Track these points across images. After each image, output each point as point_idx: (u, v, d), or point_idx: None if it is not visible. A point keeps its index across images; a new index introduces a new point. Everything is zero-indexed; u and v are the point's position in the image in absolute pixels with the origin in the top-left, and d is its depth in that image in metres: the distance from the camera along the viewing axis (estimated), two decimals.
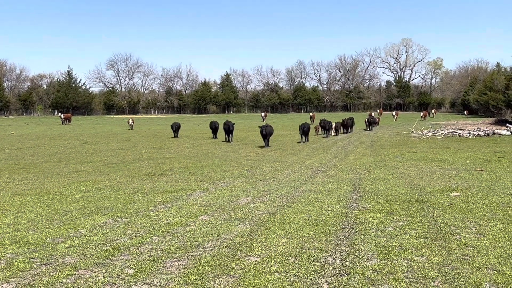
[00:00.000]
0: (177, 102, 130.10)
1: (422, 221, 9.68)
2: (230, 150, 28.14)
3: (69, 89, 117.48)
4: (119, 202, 12.44)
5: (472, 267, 6.93)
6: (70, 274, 6.93)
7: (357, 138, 37.63)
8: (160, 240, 8.64)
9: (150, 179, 16.76)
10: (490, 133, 36.83)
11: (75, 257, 7.71)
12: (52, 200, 12.80)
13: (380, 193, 13.06)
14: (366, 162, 21.10)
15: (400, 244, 8.11)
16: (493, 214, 10.23)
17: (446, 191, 13.11)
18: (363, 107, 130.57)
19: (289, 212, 10.83)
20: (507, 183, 14.55)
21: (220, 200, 12.53)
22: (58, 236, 9.05)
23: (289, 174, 17.83)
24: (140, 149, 29.46)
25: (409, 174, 17.07)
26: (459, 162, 20.32)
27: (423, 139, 34.82)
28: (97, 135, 44.15)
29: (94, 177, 17.44)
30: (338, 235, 8.75)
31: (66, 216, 10.78)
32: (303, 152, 26.85)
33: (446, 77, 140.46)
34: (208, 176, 17.22)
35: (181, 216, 10.58)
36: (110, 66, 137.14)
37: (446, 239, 8.37)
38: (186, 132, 45.45)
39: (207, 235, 8.94)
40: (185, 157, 24.42)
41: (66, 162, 22.90)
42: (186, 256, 7.69)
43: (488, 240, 8.26)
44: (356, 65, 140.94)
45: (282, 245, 8.17)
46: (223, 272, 6.90)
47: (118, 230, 9.39)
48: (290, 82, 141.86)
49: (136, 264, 7.32)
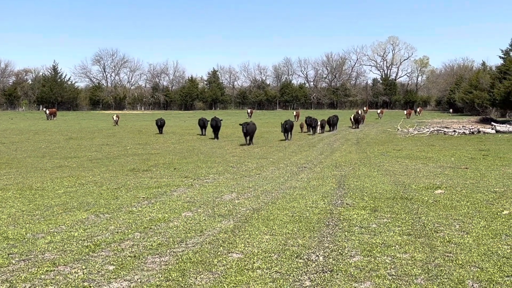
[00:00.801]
0: (163, 98, 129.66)
1: (406, 218, 9.66)
2: (216, 147, 28.06)
3: (54, 84, 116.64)
4: (102, 197, 12.32)
5: (455, 264, 6.91)
6: (49, 270, 6.81)
7: (343, 136, 37.69)
8: (142, 236, 8.54)
9: (134, 175, 16.63)
10: (475, 131, 37.04)
11: (55, 253, 7.59)
12: (34, 196, 12.65)
13: (365, 190, 13.04)
14: (352, 159, 21.11)
15: (383, 241, 8.08)
16: (477, 212, 10.23)
17: (430, 189, 13.11)
18: (349, 104, 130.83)
19: (273, 208, 10.77)
20: (491, 180, 14.59)
21: (204, 196, 12.44)
22: (38, 231, 8.92)
23: (274, 170, 17.78)
24: (125, 145, 29.32)
25: (394, 171, 17.08)
26: (444, 160, 20.38)
27: (408, 137, 34.94)
28: (82, 130, 43.87)
29: (77, 172, 17.29)
30: (322, 232, 8.70)
31: (48, 212, 10.64)
32: (288, 149, 26.81)
33: (432, 76, 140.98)
34: (193, 172, 17.12)
35: (164, 212, 10.47)
36: (96, 62, 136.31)
37: (429, 236, 8.34)
38: (172, 128, 45.27)
39: (190, 231, 8.84)
40: (170, 153, 24.31)
41: (50, 157, 22.71)
42: (168, 252, 7.60)
43: (472, 237, 8.24)
44: (343, 62, 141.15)
45: (266, 242, 8.10)
46: (205, 269, 6.82)
47: (99, 226, 9.28)
48: (277, 79, 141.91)
49: (117, 260, 7.21)
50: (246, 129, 28.80)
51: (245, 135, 29.27)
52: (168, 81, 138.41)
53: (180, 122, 60.72)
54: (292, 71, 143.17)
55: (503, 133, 36.32)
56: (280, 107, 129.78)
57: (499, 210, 10.30)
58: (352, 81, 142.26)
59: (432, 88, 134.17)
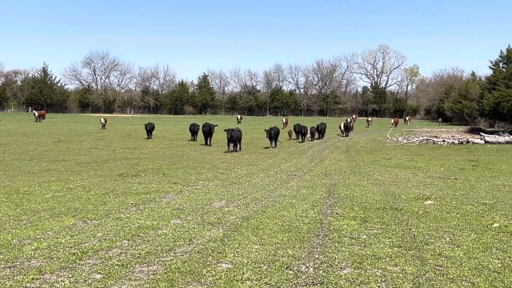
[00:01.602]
0: (153, 102, 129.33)
1: (396, 230, 9.62)
2: (206, 152, 27.95)
3: (44, 86, 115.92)
4: (90, 203, 12.19)
5: (447, 278, 6.86)
6: (35, 278, 6.70)
7: (333, 143, 37.68)
8: (130, 244, 8.43)
9: (123, 180, 16.50)
10: (464, 141, 37.18)
11: (41, 260, 7.48)
12: (21, 200, 12.51)
13: (354, 199, 13.00)
14: (341, 168, 21.09)
15: (374, 253, 8.02)
16: (467, 224, 10.21)
17: (420, 199, 13.09)
18: (339, 112, 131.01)
19: (263, 217, 10.69)
20: (480, 192, 14.60)
21: (193, 203, 12.34)
22: (25, 237, 8.80)
23: (264, 178, 17.70)
24: (114, 149, 29.13)
25: (384, 181, 17.07)
26: (434, 170, 20.39)
27: (398, 146, 35.00)
28: (71, 133, 43.57)
29: (65, 176, 17.13)
30: (312, 242, 8.63)
31: (35, 217, 10.51)
32: (278, 156, 26.75)
33: (421, 85, 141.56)
34: (182, 178, 17.02)
35: (153, 219, 10.37)
36: (86, 64, 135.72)
37: (420, 248, 8.30)
38: (162, 133, 45.09)
39: (179, 239, 8.75)
40: (160, 158, 24.17)
41: (38, 160, 22.50)
42: (156, 261, 7.50)
43: (462, 250, 8.21)
44: (333, 70, 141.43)
45: (255, 252, 8.02)
46: (194, 279, 6.73)
47: (87, 233, 9.16)
48: (267, 85, 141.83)
49: (104, 269, 7.11)
50: (231, 135, 28.11)
51: (229, 141, 28.50)
52: (158, 85, 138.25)
53: (170, 126, 60.51)
54: (283, 78, 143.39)
55: (492, 144, 36.48)
56: (270, 113, 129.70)
57: (489, 223, 10.28)
58: (342, 88, 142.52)
59: (422, 97, 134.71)
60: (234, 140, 28.27)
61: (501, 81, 49.33)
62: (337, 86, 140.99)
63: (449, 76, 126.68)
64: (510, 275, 7.03)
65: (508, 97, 44.47)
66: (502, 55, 58.13)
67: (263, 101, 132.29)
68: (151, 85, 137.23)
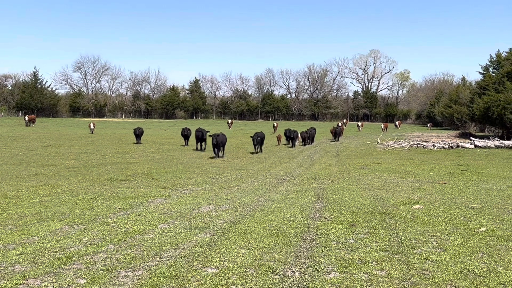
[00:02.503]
0: (144, 106, 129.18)
1: (384, 234, 9.62)
2: (196, 157, 27.89)
3: (34, 91, 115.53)
4: (77, 207, 12.12)
5: (432, 282, 6.86)
6: (18, 284, 6.65)
7: (323, 148, 37.70)
8: (116, 248, 8.38)
9: (111, 185, 16.43)
10: (454, 145, 37.27)
11: (25, 265, 7.42)
12: (8, 204, 12.42)
13: (343, 204, 12.99)
14: (331, 172, 21.09)
15: (360, 257, 8.01)
16: (455, 228, 10.23)
17: (408, 204, 13.11)
18: (330, 116, 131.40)
19: (251, 221, 10.66)
20: (469, 196, 14.63)
21: (181, 207, 12.30)
22: (10, 242, 8.73)
23: (253, 182, 17.68)
24: (104, 153, 29.01)
25: (373, 185, 17.08)
26: (423, 174, 20.43)
27: (388, 150, 35.06)
28: (61, 137, 43.39)
29: (54, 181, 17.03)
30: (299, 247, 8.62)
31: (21, 222, 10.44)
32: (268, 160, 26.73)
33: (412, 89, 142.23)
34: (171, 183, 16.96)
35: (140, 224, 10.32)
36: (77, 68, 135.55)
37: (406, 253, 8.30)
38: (152, 137, 44.99)
39: (165, 244, 8.71)
40: (149, 163, 24.10)
41: (27, 164, 22.38)
42: (142, 266, 7.45)
43: (449, 254, 8.21)
44: (324, 74, 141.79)
45: (241, 256, 7.99)
46: (178, 284, 6.69)
47: (73, 237, 9.10)
48: (258, 90, 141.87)
49: (89, 274, 7.06)
50: (216, 141, 27.25)
51: (214, 146, 27.49)
52: (149, 90, 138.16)
53: (161, 131, 60.39)
54: (274, 82, 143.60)
55: (481, 148, 36.61)
56: (261, 118, 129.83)
57: (477, 227, 10.31)
58: (334, 93, 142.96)
59: (413, 102, 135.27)
60: (219, 145, 27.60)
61: (491, 86, 49.55)
62: (328, 90, 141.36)
63: (439, 81, 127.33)
64: (495, 279, 7.04)
65: (498, 101, 44.67)
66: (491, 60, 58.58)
67: (254, 106, 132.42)
68: (142, 90, 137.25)
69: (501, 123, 47.00)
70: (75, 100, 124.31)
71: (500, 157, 29.26)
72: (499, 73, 51.68)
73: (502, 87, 46.39)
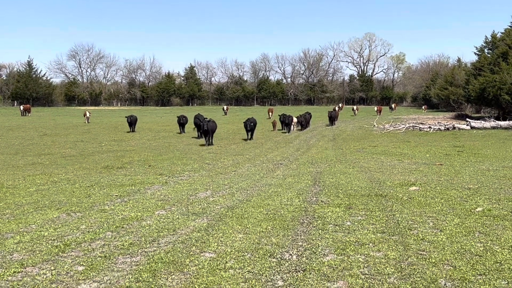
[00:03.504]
0: (140, 94, 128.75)
1: (380, 216, 9.65)
2: (192, 143, 27.90)
3: (29, 80, 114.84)
4: (74, 196, 12.12)
5: (428, 262, 6.89)
6: (16, 272, 6.66)
7: (320, 132, 37.72)
8: (113, 235, 8.39)
9: (108, 172, 16.43)
10: (450, 127, 37.33)
11: (23, 254, 7.43)
12: (5, 194, 12.43)
13: (340, 187, 13.02)
14: (328, 156, 21.12)
15: (357, 239, 8.04)
16: (451, 209, 10.26)
17: (405, 185, 13.14)
18: (326, 100, 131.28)
19: (248, 206, 10.68)
20: (465, 177, 14.67)
21: (178, 194, 12.31)
22: (7, 231, 8.73)
23: (250, 167, 17.70)
24: (100, 141, 29.02)
25: (370, 168, 17.12)
26: (419, 156, 20.48)
27: (384, 133, 35.10)
28: (57, 126, 43.33)
29: (50, 170, 17.03)
30: (296, 230, 8.64)
31: (18, 210, 10.44)
32: (265, 145, 26.76)
33: (408, 72, 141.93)
34: (168, 169, 16.97)
35: (137, 211, 10.34)
36: (71, 57, 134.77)
37: (403, 234, 8.33)
38: (149, 125, 44.96)
39: (163, 230, 8.73)
40: (146, 150, 24.10)
41: (23, 154, 22.37)
42: (139, 252, 7.47)
43: (445, 235, 8.25)
44: (320, 59, 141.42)
45: (239, 241, 8.02)
46: (177, 269, 6.72)
47: (70, 225, 9.11)
48: (254, 75, 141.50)
49: (87, 261, 7.08)
50: (207, 127, 26.47)
51: (205, 133, 26.85)
52: (144, 77, 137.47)
53: (157, 118, 60.31)
54: (270, 67, 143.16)
55: (477, 129, 36.67)
56: (257, 103, 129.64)
57: (473, 207, 10.34)
58: (329, 77, 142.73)
59: (408, 84, 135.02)
60: (209, 132, 26.77)
61: (486, 66, 49.50)
62: (324, 75, 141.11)
63: (435, 62, 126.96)
64: (491, 258, 7.07)
65: (493, 82, 44.65)
66: (487, 40, 58.37)
67: (250, 91, 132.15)
68: (137, 77, 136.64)
69: (497, 104, 47.04)
70: (70, 89, 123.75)
71: (496, 138, 29.33)
72: (494, 54, 51.59)
73: (497, 67, 46.36)
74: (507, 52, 47.23)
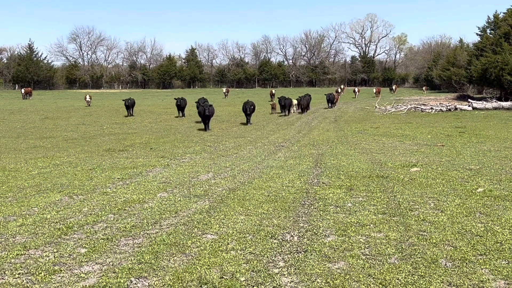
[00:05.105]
0: (141, 76, 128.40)
1: (382, 197, 9.68)
2: (194, 126, 27.88)
3: (30, 63, 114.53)
4: (76, 178, 12.16)
5: (429, 243, 6.93)
6: (19, 254, 6.70)
7: (321, 114, 37.66)
8: (115, 218, 8.44)
9: (110, 155, 16.46)
10: (452, 108, 37.25)
11: (26, 236, 7.48)
12: (7, 177, 12.47)
13: (341, 168, 13.04)
14: (329, 138, 21.12)
15: (358, 220, 8.07)
16: (452, 190, 10.29)
17: (406, 167, 13.16)
18: (328, 82, 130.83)
19: (249, 188, 10.72)
20: (466, 158, 14.68)
21: (180, 176, 12.34)
22: (10, 214, 8.78)
23: (251, 149, 17.71)
24: (102, 124, 29.04)
25: (371, 149, 17.12)
26: (421, 137, 20.47)
27: (386, 114, 35.03)
28: (58, 109, 43.34)
29: (52, 153, 17.07)
30: (297, 212, 8.68)
31: (20, 194, 10.49)
32: (267, 127, 26.75)
33: (410, 53, 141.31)
34: (169, 152, 16.99)
35: (139, 193, 10.37)
36: (72, 40, 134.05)
37: (404, 215, 8.36)
38: (150, 108, 44.94)
39: (165, 212, 8.77)
40: (147, 133, 24.12)
41: (25, 137, 22.42)
42: (142, 234, 7.51)
43: (446, 215, 8.28)
44: (321, 40, 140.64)
45: (240, 222, 8.05)
46: (178, 251, 6.75)
47: (73, 208, 9.15)
48: (255, 57, 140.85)
49: (89, 243, 7.12)
50: (208, 112, 25.33)
51: (205, 118, 25.56)
52: (145, 59, 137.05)
53: (158, 101, 60.23)
54: (271, 49, 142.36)
55: (479, 110, 36.57)
56: (259, 85, 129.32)
57: (474, 188, 10.37)
58: (331, 58, 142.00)
59: (410, 66, 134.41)
60: (209, 116, 25.68)
61: (489, 47, 49.26)
62: (326, 56, 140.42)
63: (437, 43, 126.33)
64: (492, 238, 7.11)
65: (496, 63, 44.44)
66: (489, 21, 58.01)
67: (251, 73, 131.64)
68: (138, 60, 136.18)
69: (498, 84, 46.84)
70: (71, 72, 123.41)
71: (498, 118, 29.27)
72: (496, 34, 51.30)
73: (499, 48, 46.12)
74: (509, 32, 46.97)
